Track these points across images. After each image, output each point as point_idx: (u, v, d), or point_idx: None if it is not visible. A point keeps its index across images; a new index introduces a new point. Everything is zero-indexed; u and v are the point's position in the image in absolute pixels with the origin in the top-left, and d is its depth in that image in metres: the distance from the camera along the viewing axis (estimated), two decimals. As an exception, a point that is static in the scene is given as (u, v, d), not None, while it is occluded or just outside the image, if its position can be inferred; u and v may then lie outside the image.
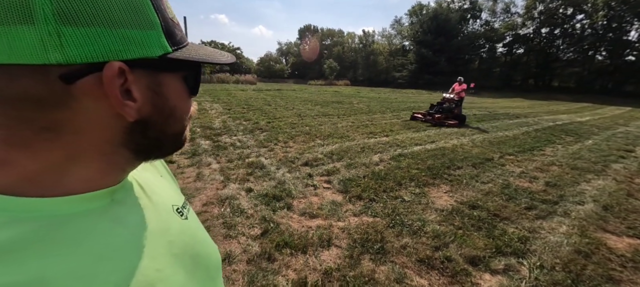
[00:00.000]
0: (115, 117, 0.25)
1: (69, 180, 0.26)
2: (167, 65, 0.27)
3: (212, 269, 0.39)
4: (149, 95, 0.26)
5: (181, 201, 0.41)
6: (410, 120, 8.34)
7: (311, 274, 1.90)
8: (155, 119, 0.28)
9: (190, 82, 0.31)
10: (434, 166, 4.19)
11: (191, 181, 3.34)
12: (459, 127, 7.63)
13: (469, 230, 2.52)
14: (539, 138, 6.76)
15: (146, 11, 0.25)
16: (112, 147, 0.27)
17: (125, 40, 0.23)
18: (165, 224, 0.33)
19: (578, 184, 3.81)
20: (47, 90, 0.22)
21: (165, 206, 0.36)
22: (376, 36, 53.00)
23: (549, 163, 4.70)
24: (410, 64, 41.76)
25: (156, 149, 0.31)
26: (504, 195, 3.30)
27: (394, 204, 2.93)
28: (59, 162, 0.25)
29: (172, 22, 0.28)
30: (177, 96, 0.30)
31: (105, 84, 0.23)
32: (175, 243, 0.33)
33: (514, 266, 2.09)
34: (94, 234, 0.26)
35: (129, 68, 0.24)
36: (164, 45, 0.26)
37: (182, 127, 0.33)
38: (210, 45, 36.70)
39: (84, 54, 0.22)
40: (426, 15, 41.37)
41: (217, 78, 25.37)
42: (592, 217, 2.91)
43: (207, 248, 0.40)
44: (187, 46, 0.29)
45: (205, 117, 7.58)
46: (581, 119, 11.12)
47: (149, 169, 0.40)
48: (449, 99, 8.60)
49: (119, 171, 0.30)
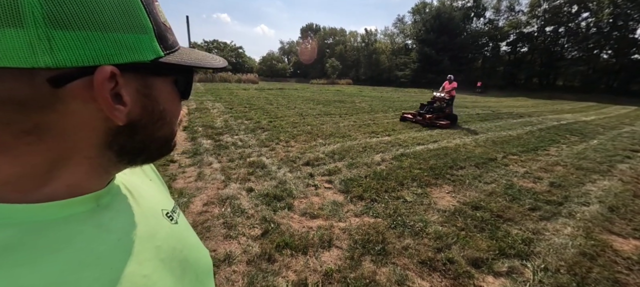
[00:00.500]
0: (101, 120, 0.25)
1: (52, 185, 0.25)
2: (159, 69, 0.27)
3: (201, 274, 0.38)
4: (139, 99, 0.26)
5: (171, 205, 0.40)
6: (400, 121, 8.00)
7: (311, 276, 1.89)
8: (145, 122, 0.28)
9: (182, 86, 0.31)
10: (437, 165, 4.15)
11: (192, 181, 3.34)
12: (449, 127, 7.30)
13: (472, 231, 2.49)
14: (543, 138, 6.68)
15: (138, 15, 0.24)
16: (97, 151, 0.26)
17: (117, 44, 0.23)
18: (153, 228, 0.33)
19: (583, 185, 3.76)
20: (32, 93, 0.21)
21: (153, 210, 0.35)
22: (378, 35, 52.80)
23: (554, 163, 4.65)
24: (412, 63, 41.56)
25: (142, 152, 0.30)
26: (507, 195, 3.26)
27: (396, 205, 2.90)
28: (41, 166, 0.24)
29: (164, 26, 0.27)
30: (168, 100, 0.29)
31: (96, 88, 0.23)
32: (163, 248, 0.32)
33: (517, 268, 2.06)
34: (76, 241, 0.25)
35: (120, 72, 0.23)
36: (156, 50, 0.26)
37: (172, 131, 0.32)
38: (212, 44, 36.95)
39: (75, 58, 0.21)
40: (429, 14, 41.10)
41: (220, 77, 25.40)
42: (597, 218, 2.86)
43: (197, 253, 0.39)
44: (178, 50, 0.29)
45: (207, 116, 7.59)
46: (586, 119, 10.99)
47: (138, 173, 0.40)
48: (439, 98, 8.23)
49: (104, 175, 0.29)
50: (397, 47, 47.94)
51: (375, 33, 52.40)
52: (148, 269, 0.29)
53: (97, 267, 0.25)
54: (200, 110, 8.61)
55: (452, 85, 8.47)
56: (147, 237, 0.31)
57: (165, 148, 0.32)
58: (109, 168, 0.29)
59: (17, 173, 0.23)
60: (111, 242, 0.27)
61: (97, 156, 0.27)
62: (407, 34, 47.84)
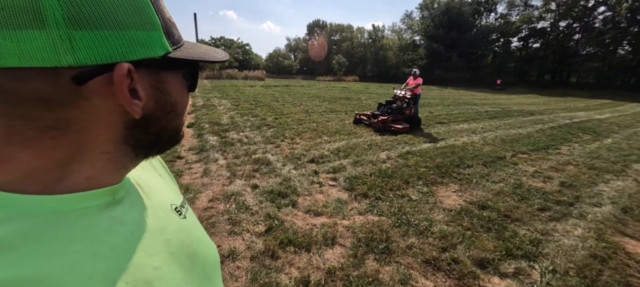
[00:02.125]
0: (119, 115, 0.26)
1: (71, 178, 0.26)
2: (168, 64, 0.28)
3: (208, 268, 0.39)
4: (152, 93, 0.28)
5: (180, 201, 0.41)
6: (353, 123, 6.76)
7: (314, 273, 1.89)
8: (158, 115, 0.29)
9: (189, 78, 0.33)
10: (443, 164, 4.10)
11: (198, 177, 3.37)
12: (409, 132, 6.08)
13: (478, 231, 2.45)
14: (554, 136, 6.52)
15: (149, 13, 0.26)
16: (114, 145, 0.28)
17: (132, 41, 0.24)
18: (163, 222, 0.34)
19: (595, 185, 3.65)
20: (57, 91, 0.22)
21: (163, 205, 0.36)
22: (386, 31, 52.17)
23: (565, 162, 4.53)
24: (420, 60, 40.89)
25: (156, 144, 0.32)
26: (515, 195, 3.19)
27: (401, 203, 2.87)
28: (61, 160, 0.25)
29: (170, 22, 0.29)
30: (178, 92, 0.31)
31: (116, 84, 0.24)
32: (173, 242, 0.33)
33: (524, 270, 2.02)
34: (91, 232, 0.26)
35: (135, 68, 0.25)
36: (165, 46, 0.27)
37: (181, 122, 0.34)
38: (219, 41, 37.21)
39: (94, 56, 0.22)
40: (438, 9, 40.25)
41: (227, 74, 25.54)
42: (609, 220, 2.78)
43: (205, 247, 0.40)
44: (184, 45, 0.31)
45: (214, 113, 7.66)
46: (600, 117, 10.65)
47: (148, 169, 0.41)
48: (400, 96, 6.92)
49: (121, 169, 0.31)
50: (404, 43, 47.27)
51: (383, 29, 51.81)
52: (158, 261, 0.30)
53: (111, 258, 0.26)
54: (207, 107, 8.69)
55: (416, 81, 7.02)
56: (157, 231, 0.32)
57: (175, 138, 0.34)
58: (126, 163, 0.31)
59: (40, 166, 0.24)
60: (124, 235, 0.28)
61: (114, 150, 0.28)
62: (415, 30, 47.09)
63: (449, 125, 7.35)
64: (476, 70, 38.66)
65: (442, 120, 8.00)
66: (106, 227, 0.27)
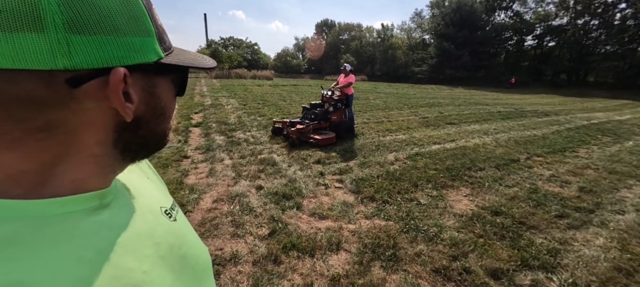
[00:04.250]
0: (109, 117, 0.27)
1: (57, 181, 0.26)
2: (160, 69, 0.29)
3: (199, 271, 0.38)
4: (143, 96, 0.28)
5: (169, 203, 0.41)
6: (272, 133, 5.33)
7: (318, 280, 1.82)
8: (148, 118, 0.30)
9: (178, 83, 0.34)
10: (454, 166, 3.96)
11: (204, 176, 3.36)
12: (334, 144, 4.77)
13: (491, 239, 2.33)
14: (571, 138, 6.24)
15: (144, 20, 0.26)
16: (102, 148, 0.28)
17: (128, 47, 0.25)
18: (152, 226, 0.33)
19: (617, 191, 3.45)
20: (50, 92, 0.22)
21: (151, 207, 0.36)
22: (395, 30, 51.58)
23: (583, 166, 4.31)
24: (430, 59, 40.19)
25: (144, 147, 0.32)
26: (531, 201, 3.04)
27: (409, 207, 2.78)
28: (47, 163, 0.25)
29: (161, 28, 0.30)
30: (167, 96, 0.32)
31: (111, 88, 0.24)
32: (162, 245, 0.33)
33: (542, 282, 1.90)
34: (76, 236, 0.25)
35: (129, 72, 0.25)
36: (157, 52, 0.28)
37: (169, 126, 0.34)
38: (229, 41, 37.84)
39: (91, 60, 0.23)
40: (449, 7, 39.45)
41: (235, 74, 25.68)
42: (634, 228, 2.61)
43: (195, 250, 0.39)
44: (174, 51, 0.32)
45: (221, 112, 7.69)
46: (620, 118, 10.17)
47: (135, 171, 0.40)
48: (328, 98, 5.52)
49: (109, 173, 0.30)
50: (414, 42, 46.63)
51: (392, 28, 51.25)
52: (147, 265, 0.29)
53: (98, 262, 0.25)
54: (215, 106, 8.74)
55: (348, 78, 5.60)
56: (146, 234, 0.31)
57: (161, 142, 0.34)
58: (115, 166, 0.31)
59: (23, 169, 0.24)
60: (111, 239, 0.27)
61: (102, 153, 0.28)
62: (424, 29, 46.39)
63: (460, 126, 7.15)
64: (488, 69, 37.66)
65: (452, 120, 7.79)
66: (92, 231, 0.26)
